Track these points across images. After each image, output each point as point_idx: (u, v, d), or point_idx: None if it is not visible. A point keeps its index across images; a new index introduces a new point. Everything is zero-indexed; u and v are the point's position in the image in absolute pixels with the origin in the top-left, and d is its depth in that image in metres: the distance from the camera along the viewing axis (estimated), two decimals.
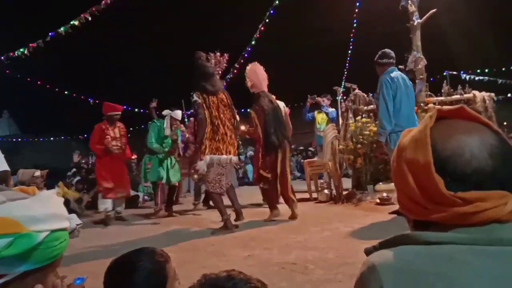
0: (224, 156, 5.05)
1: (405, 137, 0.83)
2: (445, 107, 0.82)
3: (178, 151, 7.15)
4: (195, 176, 5.06)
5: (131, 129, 13.34)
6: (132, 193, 8.48)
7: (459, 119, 0.79)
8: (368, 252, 0.82)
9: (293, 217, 5.43)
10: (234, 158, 5.18)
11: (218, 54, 5.12)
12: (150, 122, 7.10)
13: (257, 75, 5.60)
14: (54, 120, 18.43)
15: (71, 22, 7.87)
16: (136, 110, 13.06)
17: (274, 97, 5.67)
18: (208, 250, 4.13)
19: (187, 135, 7.37)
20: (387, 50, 5.19)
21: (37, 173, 5.37)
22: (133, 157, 11.72)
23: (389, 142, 4.94)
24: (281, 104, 5.77)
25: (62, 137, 17.53)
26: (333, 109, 8.59)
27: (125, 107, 13.31)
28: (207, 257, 3.86)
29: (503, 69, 14.32)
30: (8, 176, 1.84)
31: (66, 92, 10.45)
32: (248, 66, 5.72)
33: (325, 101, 8.80)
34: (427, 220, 0.77)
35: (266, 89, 5.64)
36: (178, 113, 7.02)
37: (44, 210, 0.68)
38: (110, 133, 6.47)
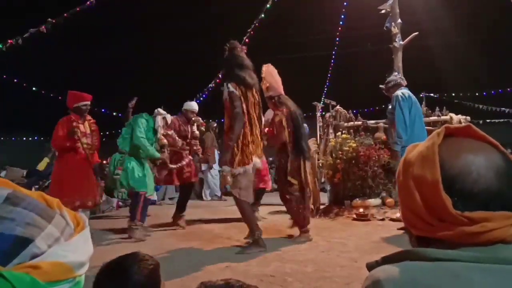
0: (258, 160, 4.55)
1: (411, 152, 0.83)
2: (453, 125, 0.83)
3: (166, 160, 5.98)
4: (229, 178, 4.31)
5: (107, 133, 13.11)
6: (104, 197, 8.17)
7: (467, 138, 0.80)
8: (370, 267, 0.81)
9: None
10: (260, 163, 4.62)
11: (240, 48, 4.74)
12: (133, 116, 5.76)
13: (273, 76, 5.23)
14: (28, 120, 17.86)
15: (49, 19, 7.67)
16: (114, 114, 12.85)
17: None
18: (185, 260, 4.05)
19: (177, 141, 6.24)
20: (390, 77, 5.39)
21: (24, 174, 5.18)
22: (105, 161, 11.31)
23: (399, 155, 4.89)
24: None
25: (36, 138, 17.06)
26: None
27: (103, 110, 13.14)
28: (184, 267, 3.78)
29: (484, 93, 14.92)
30: None
31: (43, 92, 10.20)
32: (263, 68, 5.27)
33: None
34: (430, 237, 0.77)
35: (283, 93, 5.25)
36: (169, 118, 5.95)
37: (87, 253, 0.64)
38: (80, 128, 5.37)
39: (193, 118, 6.54)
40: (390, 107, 5.28)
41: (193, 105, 6.57)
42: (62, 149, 5.40)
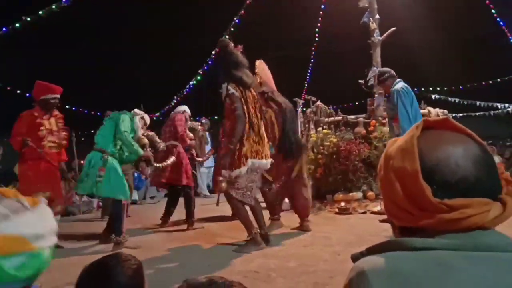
0: (264, 161, 4.34)
1: (392, 146, 0.85)
2: (431, 118, 0.85)
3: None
4: (223, 184, 4.13)
5: (85, 132, 12.87)
6: (85, 197, 8.01)
7: (445, 130, 0.82)
8: (355, 258, 0.83)
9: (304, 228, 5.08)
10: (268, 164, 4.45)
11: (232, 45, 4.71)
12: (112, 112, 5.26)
13: (265, 73, 5.14)
14: (6, 121, 17.35)
15: (24, 18, 7.47)
16: (93, 113, 12.62)
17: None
18: (168, 259, 4.04)
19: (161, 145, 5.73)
20: (381, 68, 5.35)
21: None
22: (82, 161, 11.02)
23: None
24: None
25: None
26: None
27: (80, 109, 12.89)
28: (167, 266, 3.77)
29: (461, 87, 15.26)
30: None
31: (18, 91, 9.94)
32: (256, 63, 5.12)
33: None
34: (413, 226, 0.79)
35: (275, 89, 5.17)
36: (147, 118, 5.52)
37: (46, 226, 0.65)
38: (45, 124, 4.80)
39: (189, 121, 6.44)
40: (384, 101, 5.22)
41: (188, 108, 6.49)
42: (19, 146, 4.70)
